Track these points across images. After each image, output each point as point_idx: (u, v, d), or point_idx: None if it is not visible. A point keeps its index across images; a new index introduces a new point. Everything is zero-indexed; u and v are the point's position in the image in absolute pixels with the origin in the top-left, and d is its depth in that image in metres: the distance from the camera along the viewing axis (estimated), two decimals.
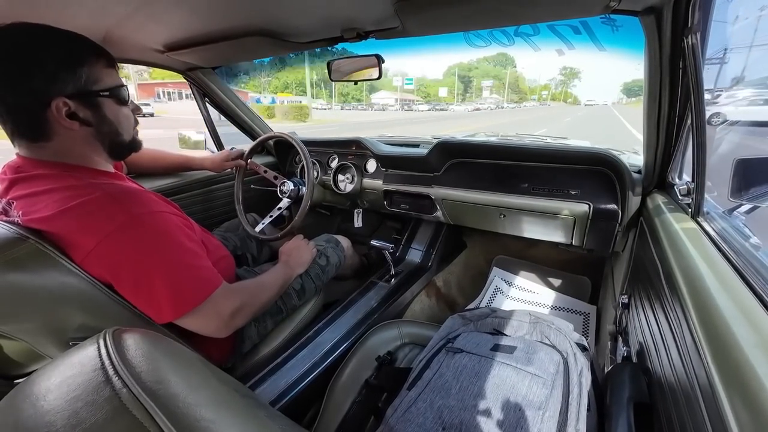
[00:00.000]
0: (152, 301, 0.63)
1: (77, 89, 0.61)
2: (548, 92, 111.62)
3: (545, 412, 0.55)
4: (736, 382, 0.31)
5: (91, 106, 0.63)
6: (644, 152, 0.88)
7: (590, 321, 1.32)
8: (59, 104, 0.59)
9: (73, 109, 0.61)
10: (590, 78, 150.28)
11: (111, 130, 0.67)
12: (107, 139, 0.68)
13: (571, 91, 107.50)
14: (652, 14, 0.64)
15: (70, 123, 0.61)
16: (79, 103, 0.61)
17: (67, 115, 0.60)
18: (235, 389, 0.39)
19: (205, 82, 1.38)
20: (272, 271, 0.91)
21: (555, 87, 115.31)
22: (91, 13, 0.75)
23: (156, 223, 0.64)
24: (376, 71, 1.07)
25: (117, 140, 0.69)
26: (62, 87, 0.59)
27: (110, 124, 0.67)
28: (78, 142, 0.64)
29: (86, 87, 0.62)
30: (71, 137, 0.63)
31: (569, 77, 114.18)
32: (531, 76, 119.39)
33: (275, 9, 0.79)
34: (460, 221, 1.26)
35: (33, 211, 0.59)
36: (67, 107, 0.60)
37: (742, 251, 0.50)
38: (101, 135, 0.66)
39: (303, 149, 1.18)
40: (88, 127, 0.64)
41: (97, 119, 0.64)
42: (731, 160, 0.67)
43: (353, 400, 0.74)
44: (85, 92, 0.62)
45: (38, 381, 0.28)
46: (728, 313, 0.38)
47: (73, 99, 0.60)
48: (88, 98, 0.62)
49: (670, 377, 0.45)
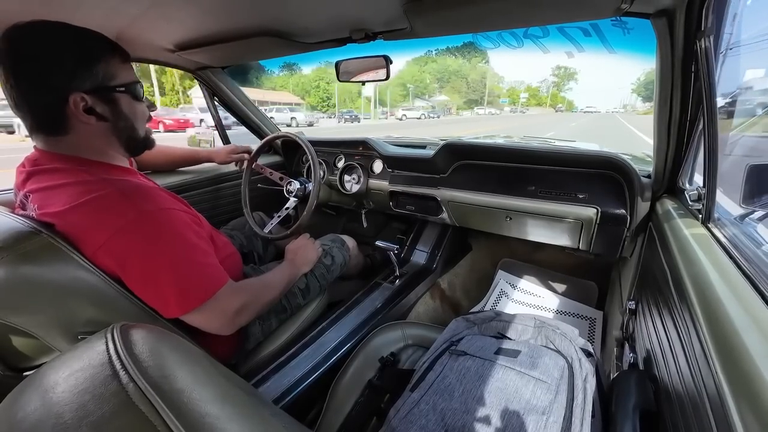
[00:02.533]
0: (159, 296, 0.64)
1: (94, 85, 0.62)
2: (529, 95, 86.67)
3: (549, 417, 0.55)
4: (746, 392, 0.30)
5: (107, 101, 0.65)
6: (654, 156, 0.86)
7: (596, 326, 1.30)
8: (77, 99, 0.60)
9: (91, 104, 0.62)
10: (590, 81, 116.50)
11: (127, 125, 0.69)
12: (124, 135, 0.69)
13: (564, 95, 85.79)
14: (664, 17, 0.63)
15: (87, 118, 0.63)
16: (96, 98, 0.63)
17: (85, 110, 0.62)
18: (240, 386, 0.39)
19: (214, 81, 1.39)
20: (278, 270, 0.92)
21: (546, 89, 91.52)
22: (104, 13, 0.76)
23: (165, 219, 0.65)
24: (383, 72, 1.07)
25: (133, 135, 0.71)
26: (80, 83, 0.61)
27: (126, 119, 0.68)
28: (94, 136, 0.66)
29: (103, 83, 0.63)
30: (88, 131, 0.64)
31: (564, 78, 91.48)
32: (512, 74, 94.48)
33: (285, 10, 0.79)
34: (466, 223, 1.26)
35: (47, 204, 0.61)
36: (84, 102, 0.61)
37: (754, 259, 0.50)
38: (117, 130, 0.68)
39: (310, 149, 1.19)
40: (104, 122, 0.65)
41: (113, 114, 0.66)
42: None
43: (356, 401, 0.74)
44: (102, 88, 0.63)
45: (47, 374, 0.28)
46: (738, 321, 0.37)
47: (91, 94, 0.62)
48: (105, 93, 0.64)
49: (678, 385, 0.44)
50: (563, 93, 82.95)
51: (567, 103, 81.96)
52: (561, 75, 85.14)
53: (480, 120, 31.09)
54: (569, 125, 19.15)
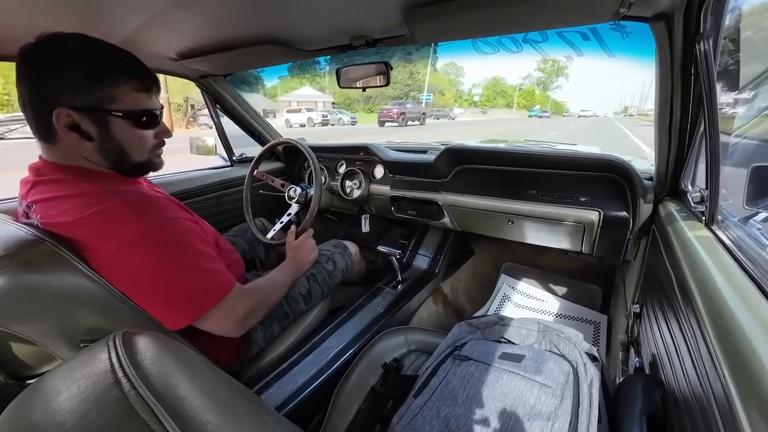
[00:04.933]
0: (168, 307, 0.65)
1: (87, 103, 0.60)
2: (481, 94, 62.99)
3: (554, 423, 0.54)
4: (754, 396, 0.30)
5: (97, 122, 0.62)
6: (656, 159, 0.86)
7: (601, 330, 1.29)
8: (61, 113, 0.59)
9: (77, 121, 0.60)
10: (581, 79, 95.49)
11: (115, 148, 0.65)
12: (111, 157, 0.66)
13: (550, 94, 61.90)
14: (662, 20, 0.63)
15: (68, 134, 0.61)
16: (84, 116, 0.61)
17: (68, 126, 0.60)
18: (242, 394, 0.39)
19: (216, 89, 1.41)
20: (282, 269, 0.93)
21: (538, 87, 67.24)
22: (108, 24, 0.77)
23: (172, 229, 0.66)
24: (384, 78, 1.08)
25: (124, 159, 0.68)
26: (70, 98, 0.59)
27: (115, 143, 0.65)
28: (80, 152, 0.64)
29: (99, 104, 0.61)
30: (73, 146, 0.63)
31: (550, 74, 65.63)
32: (480, 71, 65.62)
33: (285, 18, 0.80)
34: (468, 227, 1.25)
35: (50, 215, 0.61)
36: (70, 118, 0.60)
37: (759, 261, 0.49)
38: (104, 151, 0.65)
39: (311, 155, 1.19)
40: (89, 141, 0.63)
41: (100, 136, 0.63)
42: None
43: (359, 407, 0.73)
44: (95, 108, 0.61)
45: (49, 382, 0.28)
46: (745, 324, 0.37)
47: (80, 112, 0.60)
48: (96, 114, 0.62)
49: (685, 390, 0.44)
50: (551, 92, 61.65)
51: (554, 105, 60.97)
52: (548, 71, 62.21)
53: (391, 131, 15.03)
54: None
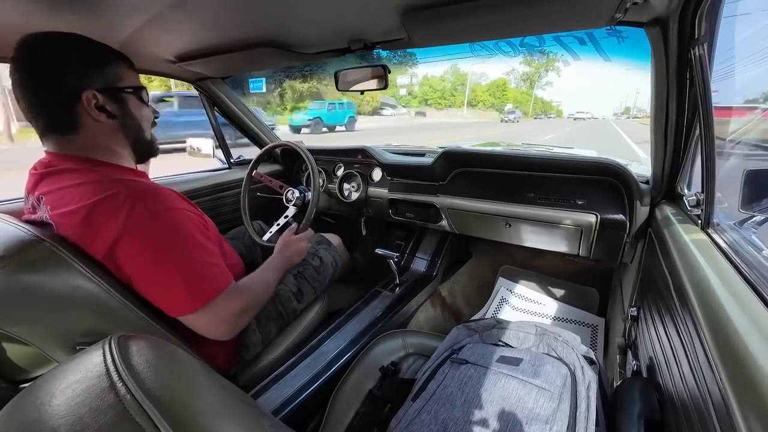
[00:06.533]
0: (168, 294, 0.66)
1: (105, 84, 0.67)
2: (440, 91, 41.33)
3: (552, 426, 0.54)
4: (751, 399, 0.30)
5: (117, 100, 0.69)
6: (652, 163, 0.87)
7: (598, 333, 1.29)
8: (89, 96, 0.64)
9: (102, 102, 0.66)
10: (571, 76, 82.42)
11: (134, 125, 0.73)
12: (131, 134, 0.73)
13: (537, 92, 49.55)
14: (657, 26, 0.64)
15: (98, 114, 0.66)
16: (106, 96, 0.67)
17: (96, 107, 0.65)
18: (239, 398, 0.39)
19: (214, 91, 1.41)
20: (270, 265, 0.93)
21: (516, 83, 50.70)
22: (105, 25, 0.77)
23: (174, 218, 0.67)
24: (382, 81, 1.08)
25: (140, 136, 0.74)
26: (91, 81, 0.65)
27: (134, 119, 0.72)
28: (104, 134, 0.68)
29: (112, 83, 0.68)
30: (98, 129, 0.67)
31: (538, 69, 48.84)
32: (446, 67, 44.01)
33: (284, 21, 0.81)
34: (466, 230, 1.26)
35: (60, 205, 0.62)
36: (96, 99, 0.65)
37: (755, 264, 0.49)
38: (125, 129, 0.71)
39: (309, 157, 1.19)
40: (113, 120, 0.69)
41: (122, 113, 0.70)
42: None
43: (356, 411, 0.73)
44: (112, 88, 0.68)
45: (44, 385, 0.28)
46: (742, 327, 0.37)
47: (102, 93, 0.66)
48: (114, 93, 0.68)
49: (682, 393, 0.44)
50: (539, 89, 50.66)
51: (543, 105, 51.76)
52: (536, 65, 50.56)
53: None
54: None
